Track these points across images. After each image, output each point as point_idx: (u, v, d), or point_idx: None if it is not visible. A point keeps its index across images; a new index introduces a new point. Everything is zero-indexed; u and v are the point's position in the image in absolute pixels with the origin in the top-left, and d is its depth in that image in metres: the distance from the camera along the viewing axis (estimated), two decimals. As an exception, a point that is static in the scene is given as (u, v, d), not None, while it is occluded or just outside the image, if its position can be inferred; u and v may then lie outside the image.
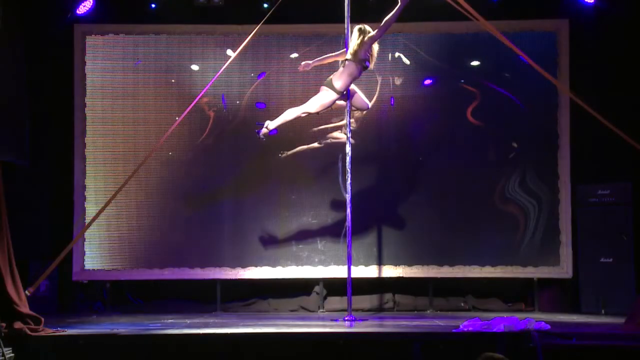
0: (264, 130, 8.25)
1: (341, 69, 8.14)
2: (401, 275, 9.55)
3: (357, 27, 8.13)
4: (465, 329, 6.89)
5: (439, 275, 9.54)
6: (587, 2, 9.41)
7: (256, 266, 9.60)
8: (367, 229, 9.57)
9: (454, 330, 6.88)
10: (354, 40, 8.09)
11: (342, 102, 8.30)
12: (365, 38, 8.05)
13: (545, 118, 9.59)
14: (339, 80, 8.08)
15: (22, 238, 8.01)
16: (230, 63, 8.46)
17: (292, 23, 9.62)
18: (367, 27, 8.10)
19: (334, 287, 9.52)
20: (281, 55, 9.72)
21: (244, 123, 9.64)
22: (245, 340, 6.89)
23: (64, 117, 9.60)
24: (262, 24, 8.39)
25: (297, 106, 8.28)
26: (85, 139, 9.60)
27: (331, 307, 9.51)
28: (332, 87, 8.08)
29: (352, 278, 8.18)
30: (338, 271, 9.41)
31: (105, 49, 9.67)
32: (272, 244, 9.60)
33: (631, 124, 8.17)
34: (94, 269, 9.53)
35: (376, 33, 8.07)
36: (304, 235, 9.63)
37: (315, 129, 9.48)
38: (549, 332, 6.72)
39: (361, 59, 8.08)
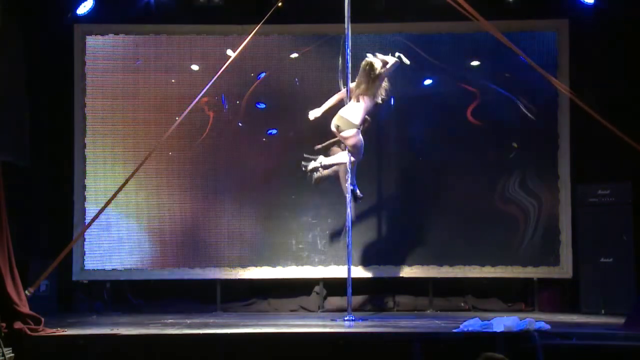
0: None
1: (353, 103, 8.17)
2: (401, 275, 9.55)
3: (365, 62, 8.10)
4: (465, 329, 6.88)
5: (439, 275, 9.53)
6: (587, 2, 9.41)
7: (256, 266, 9.60)
8: (367, 229, 9.58)
9: (454, 330, 6.88)
10: (364, 76, 8.08)
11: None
12: (373, 76, 8.07)
13: (545, 118, 9.58)
14: (356, 116, 8.11)
15: (22, 238, 8.01)
16: (230, 63, 8.45)
17: (292, 23, 9.61)
18: (375, 63, 8.06)
19: (334, 287, 9.52)
20: (281, 55, 9.71)
21: (244, 123, 9.65)
22: (245, 340, 6.89)
23: (64, 117, 9.60)
24: (262, 24, 8.38)
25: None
26: (85, 139, 9.60)
27: (331, 307, 9.51)
28: (351, 126, 8.11)
29: (352, 278, 8.18)
30: (338, 271, 9.40)
31: (105, 49, 9.66)
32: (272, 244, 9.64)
33: (631, 124, 8.16)
34: (94, 269, 9.53)
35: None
36: (304, 235, 9.63)
37: (319, 146, 8.90)
38: (549, 332, 6.72)
39: (374, 94, 8.15)
